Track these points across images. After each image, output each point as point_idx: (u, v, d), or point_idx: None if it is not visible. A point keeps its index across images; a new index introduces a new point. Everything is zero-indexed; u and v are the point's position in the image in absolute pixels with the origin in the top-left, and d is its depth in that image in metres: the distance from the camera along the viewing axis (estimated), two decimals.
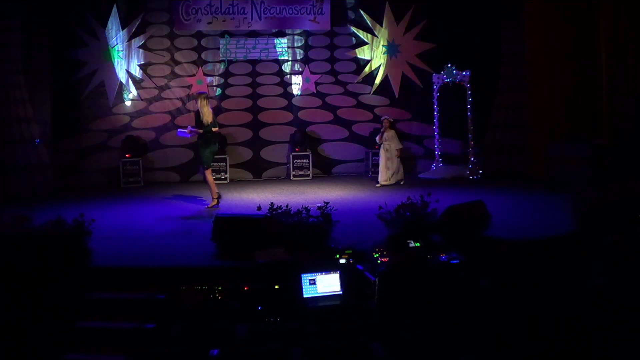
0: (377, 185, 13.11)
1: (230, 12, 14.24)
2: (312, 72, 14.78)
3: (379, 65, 14.92)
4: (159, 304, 6.57)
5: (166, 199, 12.06)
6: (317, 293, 6.62)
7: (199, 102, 10.82)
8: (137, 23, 14.03)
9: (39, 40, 12.92)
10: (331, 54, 14.91)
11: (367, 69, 14.95)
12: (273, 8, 14.35)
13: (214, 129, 10.88)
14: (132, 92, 14.13)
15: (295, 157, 14.27)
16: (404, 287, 5.66)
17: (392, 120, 13.42)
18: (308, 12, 14.47)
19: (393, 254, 6.66)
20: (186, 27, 14.23)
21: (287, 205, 8.16)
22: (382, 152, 13.27)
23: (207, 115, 10.74)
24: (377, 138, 13.36)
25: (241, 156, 14.51)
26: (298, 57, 14.76)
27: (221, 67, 14.53)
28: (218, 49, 14.48)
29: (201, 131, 10.69)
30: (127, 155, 13.63)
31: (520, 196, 11.51)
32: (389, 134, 13.18)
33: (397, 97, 15.01)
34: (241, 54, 14.56)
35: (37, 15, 12.84)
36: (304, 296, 6.56)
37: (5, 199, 11.73)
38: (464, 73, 13.82)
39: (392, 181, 13.16)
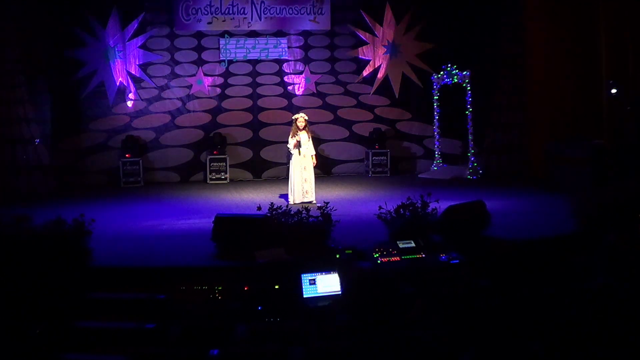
0: (290, 204, 9.94)
1: (230, 12, 14.25)
2: (312, 72, 14.79)
3: (379, 65, 14.92)
4: (159, 304, 6.57)
5: (166, 199, 12.06)
6: (317, 293, 6.61)
7: None
8: (137, 23, 14.03)
9: (38, 40, 12.94)
10: (331, 54, 14.92)
11: (367, 69, 14.95)
12: (273, 8, 14.35)
13: None
14: (131, 92, 14.14)
15: None
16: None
17: (307, 118, 10.67)
18: (308, 12, 14.47)
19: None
20: (186, 27, 14.24)
21: (287, 205, 8.17)
22: (295, 161, 10.43)
23: None
24: (291, 143, 10.43)
25: (241, 156, 14.50)
26: (298, 57, 14.76)
27: (221, 67, 14.53)
28: (218, 49, 14.48)
29: None
30: (127, 155, 13.63)
31: (520, 196, 11.49)
32: (305, 136, 10.48)
33: (397, 97, 15.01)
34: (241, 54, 14.56)
35: (37, 15, 12.85)
36: (304, 296, 6.56)
37: (5, 199, 11.72)
38: (463, 73, 13.83)
39: (312, 197, 10.43)
